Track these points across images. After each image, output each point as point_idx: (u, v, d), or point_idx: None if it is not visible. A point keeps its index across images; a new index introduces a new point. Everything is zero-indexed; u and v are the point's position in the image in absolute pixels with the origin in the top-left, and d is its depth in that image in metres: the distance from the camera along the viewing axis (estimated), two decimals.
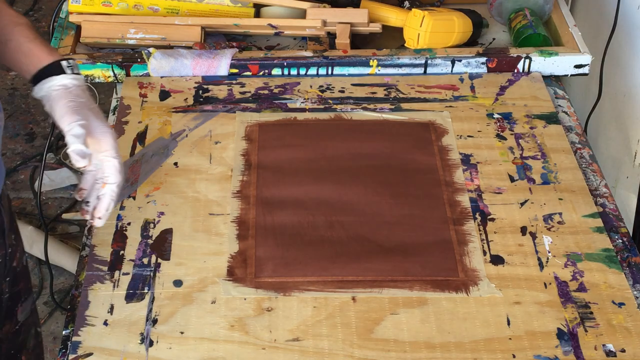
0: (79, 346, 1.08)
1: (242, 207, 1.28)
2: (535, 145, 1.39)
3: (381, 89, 1.52)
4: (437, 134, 1.42)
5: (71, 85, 1.10)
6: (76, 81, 1.11)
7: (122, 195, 1.29)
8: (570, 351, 1.07)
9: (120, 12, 1.60)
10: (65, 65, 1.11)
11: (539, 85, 1.52)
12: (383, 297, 1.14)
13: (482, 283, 1.16)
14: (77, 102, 1.08)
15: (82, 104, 1.09)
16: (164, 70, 1.54)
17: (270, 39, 1.67)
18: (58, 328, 2.18)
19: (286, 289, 1.15)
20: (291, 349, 1.08)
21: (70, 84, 1.10)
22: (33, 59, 1.11)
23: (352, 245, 1.22)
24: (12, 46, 1.12)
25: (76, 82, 1.11)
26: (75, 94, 1.09)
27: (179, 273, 1.18)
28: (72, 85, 1.10)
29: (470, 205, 1.28)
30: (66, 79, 1.10)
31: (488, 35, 1.69)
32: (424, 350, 1.07)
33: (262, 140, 1.40)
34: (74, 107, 1.07)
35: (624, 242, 1.23)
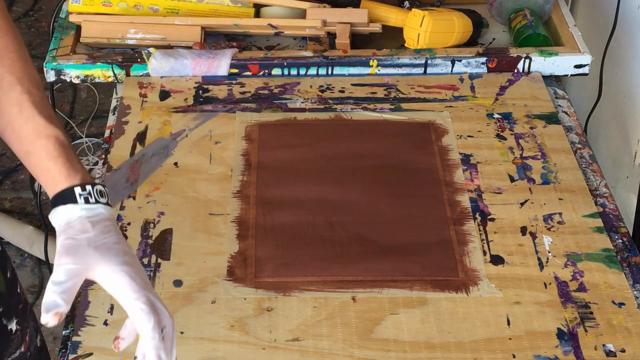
0: (79, 346, 1.08)
1: (242, 207, 1.28)
2: (535, 145, 1.39)
3: (381, 89, 1.52)
4: (437, 134, 1.42)
5: (76, 219, 0.90)
6: (86, 212, 0.91)
7: (122, 196, 1.30)
8: (570, 351, 1.07)
9: (120, 12, 1.60)
10: (79, 193, 0.92)
11: (539, 85, 1.52)
12: (383, 297, 1.14)
13: (482, 283, 1.16)
14: (76, 240, 0.89)
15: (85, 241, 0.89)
16: (164, 70, 1.54)
17: (270, 39, 1.67)
18: (58, 328, 2.17)
19: (286, 289, 1.15)
20: (291, 349, 1.08)
21: (74, 218, 0.90)
22: (50, 180, 0.94)
23: (352, 245, 1.22)
24: (33, 160, 0.95)
25: (85, 214, 0.91)
26: (78, 229, 0.90)
27: (179, 273, 1.18)
28: (77, 219, 0.90)
29: (470, 205, 1.28)
30: (72, 212, 0.91)
31: (488, 35, 1.69)
32: (424, 350, 1.07)
33: (262, 140, 1.40)
34: (69, 247, 0.88)
35: (624, 242, 1.23)
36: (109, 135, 1.43)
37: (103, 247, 0.89)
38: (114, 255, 0.89)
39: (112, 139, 1.41)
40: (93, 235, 0.89)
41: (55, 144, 0.94)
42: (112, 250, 0.89)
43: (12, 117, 0.95)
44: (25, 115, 0.94)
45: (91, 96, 2.89)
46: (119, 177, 1.33)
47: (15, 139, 0.95)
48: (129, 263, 0.89)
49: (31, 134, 0.94)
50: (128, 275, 0.88)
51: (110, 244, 0.89)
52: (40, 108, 0.95)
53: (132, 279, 0.88)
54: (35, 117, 0.94)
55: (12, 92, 0.95)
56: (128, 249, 0.91)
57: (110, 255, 0.88)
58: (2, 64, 0.96)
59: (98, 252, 0.88)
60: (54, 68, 1.54)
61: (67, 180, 0.92)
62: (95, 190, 0.92)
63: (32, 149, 0.94)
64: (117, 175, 1.34)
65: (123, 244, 0.91)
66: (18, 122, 0.95)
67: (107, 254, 0.88)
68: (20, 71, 0.96)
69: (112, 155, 1.38)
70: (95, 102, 2.85)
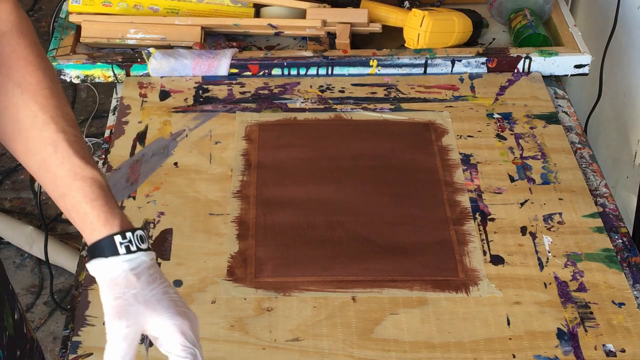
0: (79, 346, 1.08)
1: (242, 207, 1.28)
2: (535, 145, 1.39)
3: (381, 89, 1.52)
4: (437, 134, 1.42)
5: (120, 273, 0.86)
6: (128, 264, 0.87)
7: (122, 196, 1.30)
8: (570, 351, 1.07)
9: (120, 12, 1.60)
10: (119, 242, 0.87)
11: (539, 85, 1.52)
12: (383, 297, 1.14)
13: (482, 283, 1.16)
14: (124, 299, 0.85)
15: (132, 298, 0.86)
16: (164, 70, 1.54)
17: (270, 39, 1.67)
18: (58, 328, 2.18)
19: (286, 289, 1.15)
20: (291, 349, 1.08)
21: (118, 272, 0.87)
22: (87, 225, 0.89)
23: (352, 245, 1.22)
24: (69, 203, 0.90)
25: (128, 266, 0.87)
26: (124, 284, 0.86)
27: (179, 273, 1.18)
28: (121, 273, 0.86)
29: (470, 205, 1.28)
30: (114, 265, 0.87)
31: (488, 35, 1.69)
32: (424, 350, 1.07)
33: (262, 140, 1.40)
34: (118, 307, 0.85)
35: (624, 242, 1.23)
36: (109, 135, 1.43)
37: (152, 300, 0.86)
38: (165, 308, 0.86)
39: (112, 139, 1.41)
40: (140, 289, 0.86)
41: (93, 186, 0.89)
42: (162, 302, 0.86)
43: (46, 157, 0.90)
44: (61, 155, 0.90)
45: (91, 96, 2.89)
46: (119, 177, 1.33)
47: (49, 180, 0.90)
48: (180, 314, 0.87)
49: (67, 176, 0.89)
50: (179, 330, 0.86)
51: (158, 295, 0.87)
52: (76, 147, 0.90)
53: (183, 334, 0.86)
54: (71, 158, 0.89)
55: (46, 131, 0.90)
56: (177, 296, 0.88)
57: (162, 309, 0.86)
58: (36, 100, 0.91)
59: (149, 308, 0.86)
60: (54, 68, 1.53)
61: (105, 227, 0.88)
62: (135, 236, 0.88)
63: (68, 191, 0.89)
64: (117, 175, 1.33)
65: (171, 291, 0.88)
66: (53, 163, 0.90)
67: (158, 307, 0.86)
68: (54, 109, 0.91)
69: (112, 155, 1.38)
70: (95, 102, 2.85)
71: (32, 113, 0.90)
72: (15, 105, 0.91)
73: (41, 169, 0.90)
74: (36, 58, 0.93)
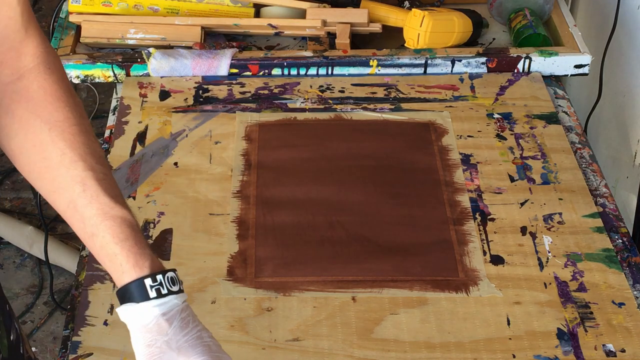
0: (79, 346, 1.08)
1: (242, 207, 1.28)
2: (535, 145, 1.39)
3: (381, 89, 1.52)
4: (437, 134, 1.42)
5: (151, 319, 0.84)
6: (160, 309, 0.84)
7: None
8: (570, 351, 1.07)
9: (120, 12, 1.60)
10: (149, 285, 0.84)
11: (539, 85, 1.52)
12: (383, 297, 1.14)
13: (482, 283, 1.16)
14: (156, 346, 0.84)
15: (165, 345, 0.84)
16: (164, 70, 1.54)
17: (270, 39, 1.67)
18: (58, 328, 2.18)
19: (286, 289, 1.15)
20: (291, 349, 1.08)
21: (149, 319, 0.84)
22: (116, 266, 0.86)
23: (352, 245, 1.21)
24: (98, 243, 0.87)
25: (159, 310, 0.84)
26: (156, 330, 0.84)
27: (179, 273, 1.17)
28: (152, 319, 0.84)
29: (470, 205, 1.28)
30: (145, 311, 0.84)
31: (488, 35, 1.69)
32: (424, 350, 1.07)
33: (262, 140, 1.40)
34: (151, 356, 0.83)
35: (624, 242, 1.23)
36: (109, 135, 1.43)
37: (186, 345, 0.84)
38: (199, 354, 0.84)
39: (112, 139, 1.41)
40: (173, 335, 0.84)
41: (122, 225, 0.86)
42: (196, 348, 0.85)
43: (74, 196, 0.87)
44: (89, 194, 0.86)
45: (91, 96, 2.89)
46: (119, 177, 1.33)
47: (77, 220, 0.87)
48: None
49: (96, 215, 0.86)
50: None
51: (192, 341, 0.85)
52: (105, 186, 0.87)
53: None
54: (100, 197, 0.86)
55: (74, 169, 0.87)
56: (211, 340, 0.87)
57: (195, 355, 0.84)
58: (63, 137, 0.88)
59: (182, 354, 0.84)
60: None
61: (134, 269, 0.85)
62: (166, 278, 0.86)
63: (96, 231, 0.86)
64: (117, 175, 1.33)
65: (205, 335, 0.87)
66: (81, 202, 0.87)
67: (191, 354, 0.84)
68: (82, 146, 0.88)
69: (112, 155, 1.38)
70: (95, 102, 2.85)
71: (60, 151, 0.87)
72: (43, 142, 0.88)
73: (69, 209, 0.88)
74: (64, 94, 0.90)
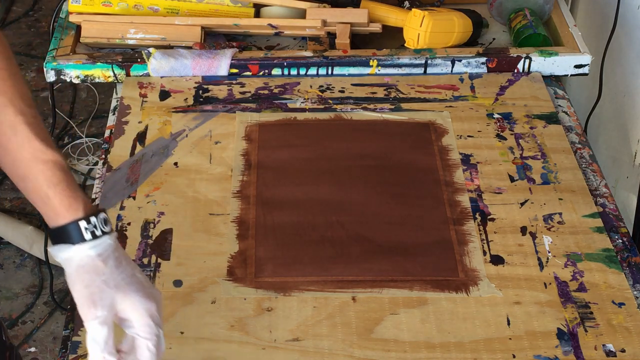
0: (79, 346, 1.08)
1: (242, 207, 1.28)
2: (535, 145, 1.39)
3: (381, 89, 1.52)
4: (437, 134, 1.42)
5: (88, 261, 0.88)
6: (95, 250, 0.88)
7: (122, 196, 1.30)
8: (570, 351, 1.07)
9: (120, 12, 1.60)
10: (84, 227, 0.88)
11: (539, 85, 1.52)
12: (383, 297, 1.14)
13: (482, 283, 1.16)
14: (95, 286, 0.87)
15: (103, 284, 0.87)
16: (164, 70, 1.54)
17: (270, 39, 1.67)
18: (58, 328, 2.18)
19: (286, 289, 1.15)
20: (291, 349, 1.08)
21: (85, 259, 0.88)
22: (50, 209, 0.89)
23: (352, 245, 1.22)
24: (30, 186, 0.89)
25: (95, 252, 0.88)
26: (94, 270, 0.87)
27: (179, 273, 1.18)
28: (89, 260, 0.88)
29: (470, 205, 1.28)
30: (82, 252, 0.88)
31: (488, 35, 1.69)
32: (424, 350, 1.07)
33: (262, 140, 1.40)
34: (90, 295, 0.87)
35: (624, 242, 1.23)
36: (109, 135, 1.43)
37: (122, 283, 0.88)
38: (135, 291, 0.88)
39: (112, 139, 1.41)
40: (109, 275, 0.88)
41: (54, 169, 0.88)
42: (131, 285, 0.88)
43: (4, 140, 0.89)
44: (21, 138, 0.89)
45: (91, 96, 2.89)
46: (119, 177, 1.33)
47: (9, 163, 0.90)
48: (149, 297, 0.89)
49: (28, 159, 0.88)
50: (148, 313, 0.88)
51: (127, 278, 0.89)
52: (36, 130, 0.89)
53: (151, 317, 0.88)
54: (32, 141, 0.88)
55: (4, 114, 0.89)
56: (142, 276, 0.90)
57: (132, 292, 0.88)
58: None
59: (120, 291, 0.88)
60: (54, 68, 1.54)
61: (69, 211, 0.88)
62: (99, 220, 0.89)
63: (29, 174, 0.89)
64: (117, 175, 1.34)
65: (137, 272, 0.90)
66: (13, 145, 0.89)
67: (128, 290, 0.88)
68: (11, 90, 0.89)
69: (112, 155, 1.38)
70: (95, 102, 2.85)
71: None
72: None
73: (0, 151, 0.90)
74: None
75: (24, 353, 2.11)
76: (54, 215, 0.89)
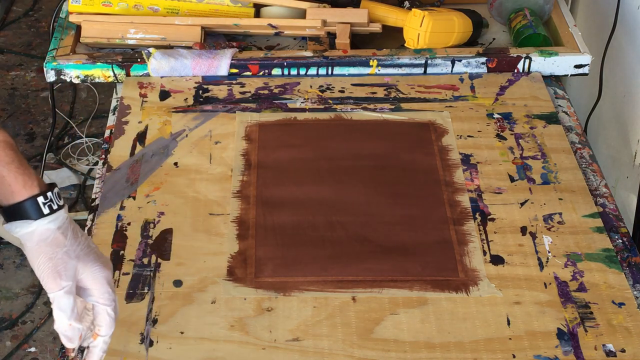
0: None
1: (242, 207, 1.28)
2: (535, 145, 1.39)
3: (381, 89, 1.52)
4: (437, 134, 1.42)
5: (49, 234, 0.91)
6: (54, 223, 0.92)
7: (122, 196, 1.30)
8: (570, 351, 1.07)
9: (120, 12, 1.60)
10: (42, 202, 0.91)
11: (539, 85, 1.52)
12: (383, 297, 1.14)
13: (482, 283, 1.16)
14: (58, 258, 0.91)
15: (65, 256, 0.92)
16: (164, 70, 1.54)
17: (270, 39, 1.67)
18: None
19: (286, 289, 1.15)
20: (291, 349, 1.08)
21: (46, 233, 0.91)
22: (5, 187, 0.91)
23: (352, 245, 1.22)
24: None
25: (54, 225, 0.92)
26: (55, 243, 0.91)
27: (179, 273, 1.18)
28: (50, 234, 0.91)
29: (470, 205, 1.28)
30: (42, 226, 0.91)
31: (488, 35, 1.69)
32: (424, 350, 1.07)
33: (262, 140, 1.40)
34: (54, 267, 0.91)
35: (624, 242, 1.23)
36: (109, 135, 1.43)
37: (82, 254, 0.93)
38: (93, 261, 0.94)
39: (112, 139, 1.41)
40: (70, 246, 0.92)
41: (5, 149, 0.91)
42: (89, 256, 0.94)
43: None
44: None
45: (91, 96, 2.89)
46: (119, 177, 1.33)
47: None
48: (105, 265, 0.95)
49: None
50: (107, 281, 0.94)
51: (85, 249, 0.93)
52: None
53: (109, 284, 0.94)
54: None
55: None
56: (94, 246, 0.96)
57: (90, 262, 0.93)
58: None
59: (80, 262, 0.93)
60: (54, 68, 1.54)
61: (25, 188, 0.91)
62: (54, 194, 0.93)
63: None
64: (117, 175, 1.34)
65: (91, 242, 0.95)
66: None
67: (87, 260, 0.93)
68: None
69: (112, 155, 1.38)
70: (95, 102, 2.85)
71: None
72: None
73: None
74: None
75: (24, 353, 2.11)
76: (9, 193, 0.91)
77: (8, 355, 2.09)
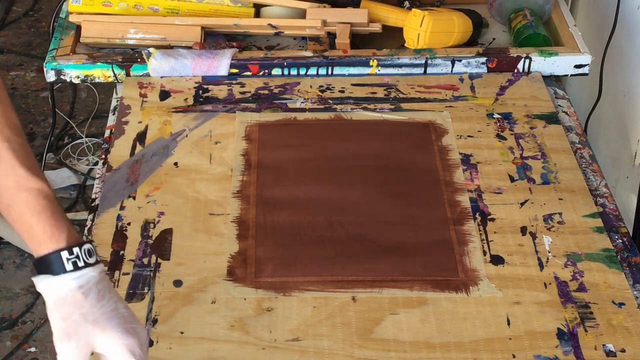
0: None
1: (242, 207, 1.28)
2: (535, 145, 1.39)
3: (381, 89, 1.52)
4: (437, 134, 1.42)
5: (67, 292, 0.86)
6: (76, 282, 0.86)
7: (122, 196, 1.30)
8: (570, 351, 1.07)
9: (120, 12, 1.60)
10: (66, 257, 0.86)
11: (539, 85, 1.52)
12: (383, 297, 1.14)
13: (482, 283, 1.16)
14: (72, 319, 0.85)
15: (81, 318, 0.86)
16: (164, 70, 1.54)
17: (270, 39, 1.67)
18: None
19: (286, 289, 1.15)
20: (291, 349, 1.08)
21: (65, 291, 0.86)
22: (33, 238, 0.87)
23: (352, 245, 1.21)
24: (14, 215, 0.87)
25: (76, 284, 0.86)
26: (72, 303, 0.86)
27: (179, 273, 1.18)
28: (68, 292, 0.86)
29: (470, 205, 1.28)
30: (61, 284, 0.86)
31: (488, 35, 1.69)
32: (424, 350, 1.07)
33: (262, 140, 1.40)
34: (67, 328, 0.85)
35: (624, 242, 1.23)
36: (109, 135, 1.43)
37: (101, 318, 0.86)
38: (114, 327, 0.87)
39: (112, 139, 1.41)
40: (89, 308, 0.86)
41: (38, 198, 0.87)
42: (111, 320, 0.87)
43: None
44: (5, 166, 0.87)
45: (91, 96, 2.89)
46: (119, 177, 1.33)
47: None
48: (129, 332, 0.87)
49: (12, 187, 0.87)
50: (128, 349, 0.86)
51: (108, 313, 0.87)
52: (21, 157, 0.87)
53: (132, 354, 0.87)
54: (15, 168, 0.87)
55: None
56: (126, 311, 0.89)
57: (110, 328, 0.86)
58: None
59: (97, 327, 0.86)
60: (54, 68, 1.54)
61: (51, 241, 0.86)
62: (83, 250, 0.87)
63: (12, 203, 0.87)
64: (117, 175, 1.34)
65: (120, 306, 0.88)
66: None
67: (106, 326, 0.86)
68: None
69: (112, 155, 1.38)
70: (95, 102, 2.85)
71: None
72: None
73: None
74: None
75: (24, 353, 2.11)
76: (36, 244, 0.87)
77: (8, 355, 2.09)
